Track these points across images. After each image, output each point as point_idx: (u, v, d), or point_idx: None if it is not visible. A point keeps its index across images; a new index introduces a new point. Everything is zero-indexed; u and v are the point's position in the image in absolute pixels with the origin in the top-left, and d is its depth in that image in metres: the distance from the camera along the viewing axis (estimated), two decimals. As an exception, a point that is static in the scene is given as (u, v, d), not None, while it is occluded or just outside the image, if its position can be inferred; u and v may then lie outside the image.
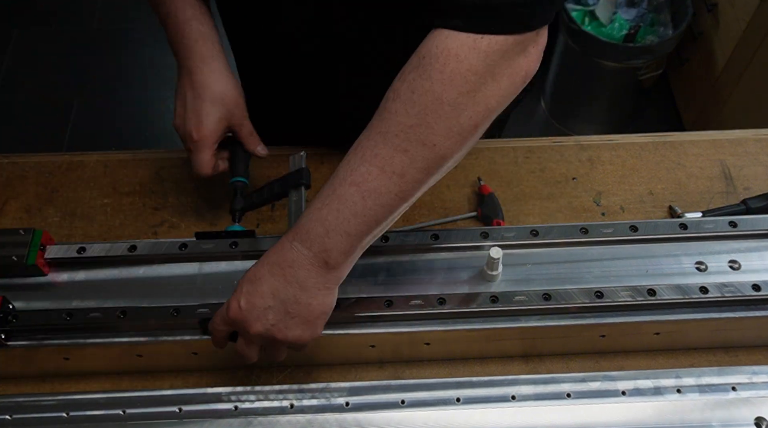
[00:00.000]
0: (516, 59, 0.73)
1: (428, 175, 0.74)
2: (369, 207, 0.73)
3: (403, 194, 0.74)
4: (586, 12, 2.27)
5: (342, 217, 0.74)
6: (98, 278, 0.91)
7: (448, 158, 0.74)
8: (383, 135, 0.73)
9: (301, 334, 0.78)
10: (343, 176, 0.75)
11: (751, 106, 2.11)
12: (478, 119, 0.73)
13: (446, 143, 0.72)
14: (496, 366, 0.93)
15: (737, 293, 0.87)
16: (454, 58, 0.70)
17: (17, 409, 0.85)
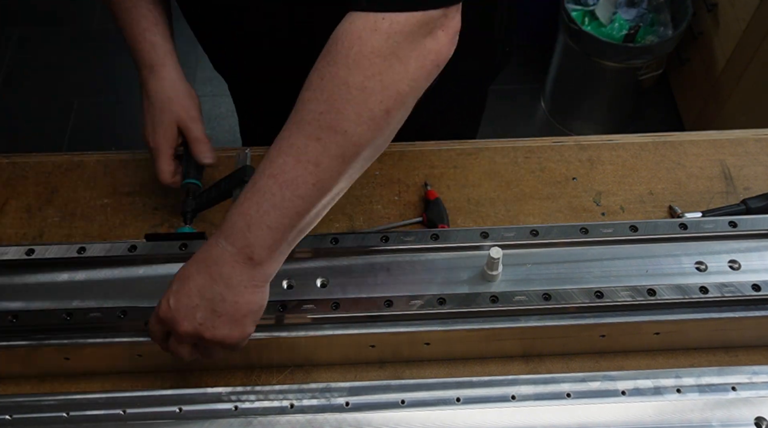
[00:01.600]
0: (422, 42, 0.71)
1: (344, 163, 0.73)
2: (287, 198, 0.73)
3: (321, 184, 0.73)
4: (586, 12, 2.27)
5: (262, 210, 0.73)
6: (98, 278, 0.91)
7: (363, 145, 0.73)
8: (297, 124, 0.72)
9: (230, 333, 0.77)
10: (262, 168, 0.74)
11: (751, 106, 2.11)
12: (389, 104, 0.71)
13: (358, 130, 0.71)
14: (496, 366, 0.93)
15: (737, 293, 0.87)
16: (357, 40, 0.69)
17: (17, 409, 0.85)
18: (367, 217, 1.06)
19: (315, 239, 0.92)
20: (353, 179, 0.77)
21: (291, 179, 0.72)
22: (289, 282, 0.90)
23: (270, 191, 0.73)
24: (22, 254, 0.91)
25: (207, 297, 0.76)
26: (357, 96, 0.70)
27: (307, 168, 0.72)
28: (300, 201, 0.73)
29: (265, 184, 0.73)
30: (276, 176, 0.73)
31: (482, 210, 1.07)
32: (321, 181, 0.73)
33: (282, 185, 0.73)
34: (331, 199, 0.76)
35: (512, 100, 2.67)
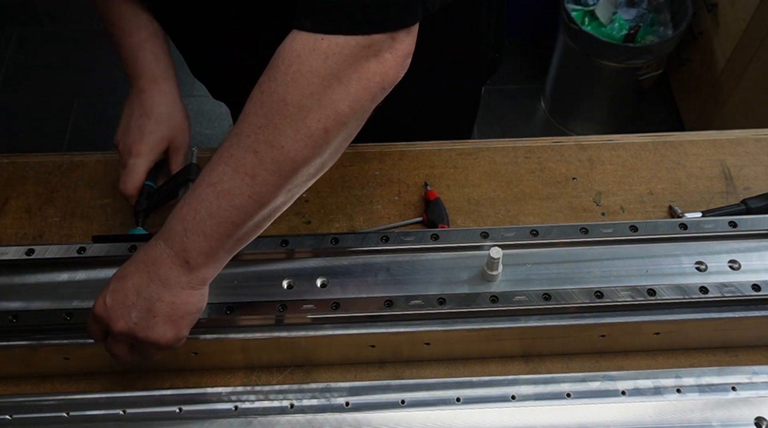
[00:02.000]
0: (365, 64, 0.70)
1: (281, 178, 0.73)
2: (223, 208, 0.73)
3: (257, 197, 0.73)
4: (586, 12, 2.27)
5: (199, 217, 0.74)
6: (98, 278, 0.91)
7: (301, 161, 0.72)
8: (238, 136, 0.72)
9: (164, 334, 0.77)
10: (203, 175, 0.75)
11: (751, 106, 2.11)
12: (327, 123, 0.71)
13: (295, 146, 0.71)
14: (496, 366, 0.93)
15: (737, 293, 0.87)
16: (296, 59, 0.69)
17: (17, 409, 0.85)
18: (367, 217, 1.06)
19: (315, 239, 0.92)
20: (295, 195, 0.77)
21: (228, 190, 0.72)
22: (289, 282, 0.90)
23: (207, 199, 0.73)
24: (22, 254, 0.91)
25: (143, 296, 0.76)
26: (294, 113, 0.70)
27: (243, 180, 0.72)
28: (236, 211, 0.73)
29: (204, 191, 0.74)
30: (214, 184, 0.73)
31: (482, 210, 1.07)
32: (257, 194, 0.73)
33: (219, 194, 0.73)
34: (270, 212, 0.76)
35: (512, 100, 2.67)
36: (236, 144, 0.72)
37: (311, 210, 1.06)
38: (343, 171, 1.10)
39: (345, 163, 1.11)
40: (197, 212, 0.74)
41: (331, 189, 1.08)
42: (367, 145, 1.14)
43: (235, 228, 0.74)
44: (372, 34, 0.69)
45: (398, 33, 0.71)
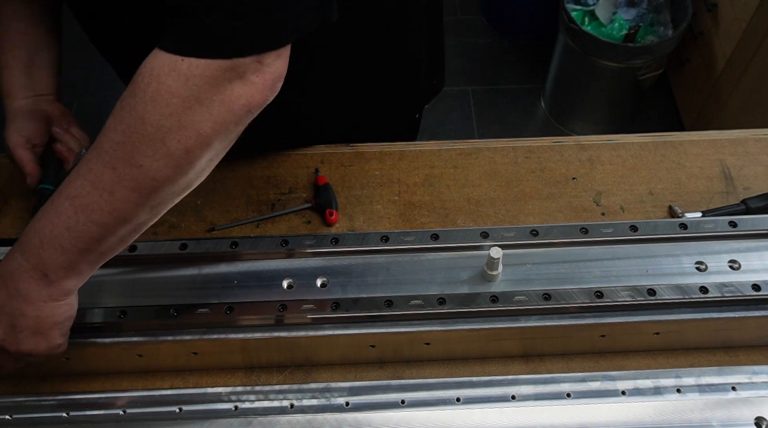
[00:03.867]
0: (228, 86, 0.69)
1: (142, 196, 0.71)
2: (82, 222, 0.71)
3: (118, 213, 0.71)
4: (586, 12, 2.28)
5: (56, 231, 0.72)
6: (98, 278, 0.91)
7: (161, 180, 0.71)
8: (97, 150, 0.71)
9: (35, 346, 0.77)
10: (61, 189, 0.73)
11: (751, 106, 2.11)
12: (189, 144, 0.69)
13: (154, 166, 0.69)
14: (496, 366, 0.93)
15: (737, 293, 0.87)
16: (156, 78, 0.68)
17: (17, 409, 0.85)
18: (368, 217, 1.06)
19: (315, 239, 0.92)
20: (160, 211, 0.75)
21: (86, 204, 0.71)
22: (289, 282, 0.90)
23: (65, 212, 0.71)
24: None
25: (6, 312, 0.75)
26: (153, 133, 0.68)
27: (102, 196, 0.71)
28: (95, 227, 0.72)
29: (62, 205, 0.72)
30: (73, 198, 0.71)
31: (482, 210, 1.07)
32: (117, 210, 0.71)
33: (77, 208, 0.71)
34: (134, 227, 0.74)
35: (512, 100, 2.68)
36: (95, 158, 0.71)
37: (311, 210, 1.06)
38: (343, 171, 1.10)
39: (345, 163, 1.11)
40: (55, 226, 0.72)
41: (331, 189, 1.08)
42: (367, 145, 1.14)
43: (95, 243, 0.73)
44: (235, 57, 0.68)
45: (265, 56, 0.69)
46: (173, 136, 0.69)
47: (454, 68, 2.76)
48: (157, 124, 0.68)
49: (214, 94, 0.69)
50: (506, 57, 2.80)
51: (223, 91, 0.69)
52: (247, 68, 0.69)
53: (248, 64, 0.69)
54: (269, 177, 1.09)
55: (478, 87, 2.70)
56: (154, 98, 0.68)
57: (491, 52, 2.82)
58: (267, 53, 0.69)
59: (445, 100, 2.67)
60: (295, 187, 1.08)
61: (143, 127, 0.68)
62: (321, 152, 1.12)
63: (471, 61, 2.79)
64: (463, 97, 2.68)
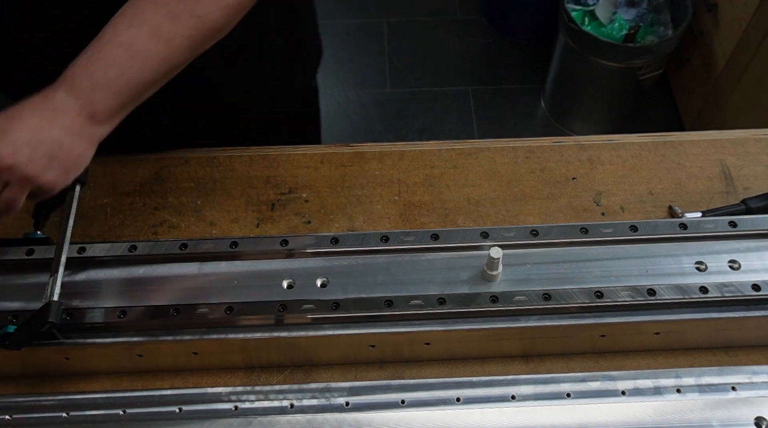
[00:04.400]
0: None
1: (196, 43, 0.78)
2: (137, 68, 0.76)
3: (170, 59, 0.78)
4: (586, 12, 2.28)
5: (109, 75, 0.76)
6: (98, 278, 0.91)
7: (215, 30, 0.79)
8: (154, 3, 0.77)
9: (55, 178, 0.78)
10: (109, 37, 0.76)
11: (751, 106, 2.11)
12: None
13: (213, 15, 0.77)
14: (496, 366, 0.93)
15: (737, 293, 0.87)
16: None
17: (17, 409, 0.85)
18: (367, 217, 1.06)
19: (315, 239, 0.92)
20: (198, 55, 0.81)
21: (143, 52, 0.76)
22: (289, 282, 0.90)
23: (119, 59, 0.76)
24: (22, 254, 0.91)
25: (41, 138, 0.75)
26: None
27: (159, 44, 0.76)
28: (148, 72, 0.77)
29: (113, 52, 0.76)
30: (127, 46, 0.76)
31: (482, 210, 1.07)
32: (171, 56, 0.78)
33: (133, 55, 0.76)
34: (175, 71, 0.80)
35: (512, 100, 2.68)
36: (152, 11, 0.76)
37: (311, 210, 1.06)
38: (343, 171, 1.10)
39: (345, 163, 1.11)
40: (107, 71, 0.76)
41: (331, 189, 1.08)
42: (367, 145, 1.14)
43: (144, 88, 0.78)
44: None
45: None
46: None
47: (454, 68, 2.76)
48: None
49: None
50: (506, 57, 2.80)
51: None
52: None
53: None
54: (269, 177, 1.09)
55: (478, 87, 2.70)
56: None
57: (491, 52, 2.82)
58: None
59: (445, 100, 2.67)
60: (295, 187, 1.08)
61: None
62: (321, 152, 1.12)
63: (471, 61, 2.79)
64: (463, 97, 2.68)
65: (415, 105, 2.66)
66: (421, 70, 2.75)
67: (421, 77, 2.73)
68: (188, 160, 1.11)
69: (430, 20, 2.91)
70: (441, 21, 2.90)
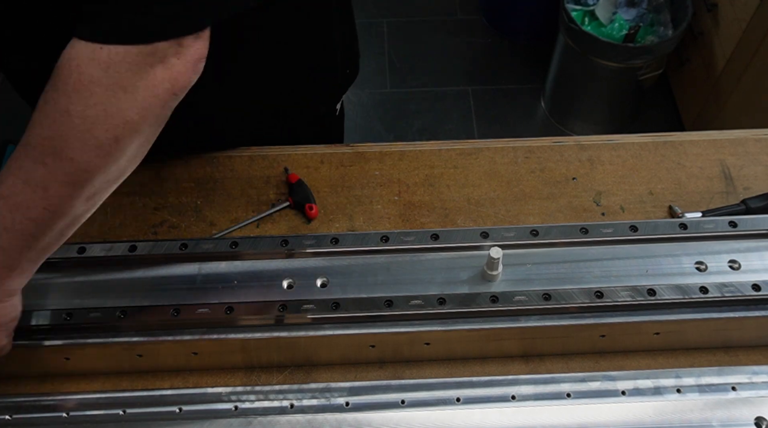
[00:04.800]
0: (150, 71, 0.68)
1: (76, 189, 0.70)
2: (18, 221, 0.70)
3: (53, 208, 0.71)
4: (586, 12, 2.28)
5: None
6: (98, 278, 0.91)
7: (94, 171, 0.70)
8: (25, 146, 0.70)
9: None
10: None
11: (751, 106, 2.11)
12: (117, 132, 0.69)
13: (85, 157, 0.69)
14: (496, 366, 0.93)
15: (737, 293, 0.87)
16: (76, 68, 0.67)
17: (17, 409, 0.85)
18: (368, 217, 1.06)
19: (315, 239, 0.92)
20: (97, 202, 0.75)
21: (20, 203, 0.70)
22: (289, 282, 0.90)
23: (0, 213, 0.70)
24: (22, 254, 0.91)
25: None
26: (79, 124, 0.68)
27: (36, 192, 0.70)
28: (32, 224, 0.71)
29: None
30: (6, 198, 0.70)
31: (482, 210, 1.07)
32: (52, 205, 0.70)
33: (12, 207, 0.70)
34: (71, 221, 0.74)
35: (512, 100, 2.68)
36: (23, 155, 0.70)
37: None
38: (343, 171, 1.10)
39: (345, 163, 1.11)
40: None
41: (331, 189, 1.08)
42: (367, 145, 1.14)
43: (34, 240, 0.72)
44: (153, 42, 0.68)
45: (184, 38, 0.69)
46: (101, 125, 0.68)
47: (454, 68, 2.76)
48: (82, 115, 0.68)
49: (137, 79, 0.68)
50: (506, 57, 2.80)
51: (146, 76, 0.69)
52: (167, 52, 0.69)
53: (168, 47, 0.69)
54: (269, 177, 1.09)
55: (478, 87, 2.70)
56: (76, 89, 0.67)
57: (491, 52, 2.82)
58: (186, 36, 0.70)
59: (445, 100, 2.67)
60: (295, 187, 1.08)
61: (69, 119, 0.68)
62: (321, 152, 1.12)
63: (471, 61, 2.79)
64: (463, 97, 2.68)
65: (415, 105, 2.66)
66: (421, 70, 2.75)
67: (421, 77, 2.73)
68: (188, 160, 1.11)
69: (430, 20, 2.91)
70: (441, 21, 2.90)
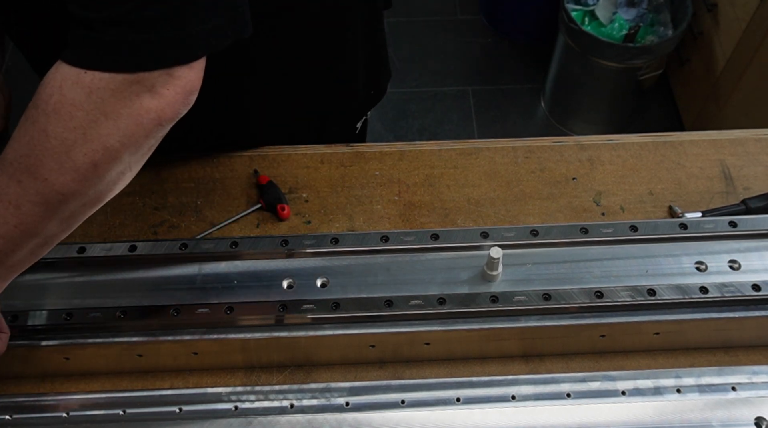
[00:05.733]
0: (136, 100, 0.67)
1: (49, 210, 0.69)
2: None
3: (25, 227, 0.69)
4: (586, 12, 2.28)
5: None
6: (98, 278, 0.91)
7: (69, 194, 0.69)
8: (2, 162, 0.69)
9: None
10: None
11: (751, 106, 2.11)
12: (95, 158, 0.68)
13: (60, 179, 0.67)
14: (496, 366, 0.93)
15: (737, 293, 0.87)
16: (58, 90, 0.66)
17: (17, 409, 0.85)
18: (368, 217, 1.06)
19: (315, 239, 0.92)
20: (72, 224, 0.73)
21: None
22: (289, 282, 0.90)
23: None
24: (22, 254, 0.91)
25: None
26: (57, 146, 0.67)
27: (8, 209, 0.68)
28: (2, 241, 0.70)
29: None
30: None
31: (482, 210, 1.07)
32: (24, 224, 0.69)
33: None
34: (43, 241, 0.72)
35: (512, 100, 2.68)
36: (1, 170, 0.69)
37: (311, 210, 1.06)
38: (343, 171, 1.10)
39: (345, 163, 1.11)
40: None
41: (331, 189, 1.08)
42: (367, 145, 1.14)
43: (4, 256, 0.71)
44: (139, 71, 0.66)
45: (175, 69, 0.68)
46: (78, 149, 0.67)
47: (454, 68, 2.76)
48: (60, 137, 0.67)
49: (121, 107, 0.67)
50: (506, 57, 2.80)
51: (130, 104, 0.67)
52: (155, 81, 0.67)
53: (156, 77, 0.67)
54: (269, 177, 1.09)
55: (478, 87, 2.70)
56: (56, 111, 0.66)
57: (491, 52, 2.82)
58: (177, 67, 0.68)
59: (445, 101, 2.67)
60: (295, 187, 1.08)
61: (47, 140, 0.67)
62: (321, 152, 1.12)
63: (471, 61, 2.79)
64: (463, 97, 2.68)
65: (415, 105, 2.66)
66: (421, 70, 2.75)
67: (421, 77, 2.73)
68: (188, 160, 1.11)
69: (430, 20, 2.91)
70: (441, 21, 2.90)
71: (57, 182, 0.68)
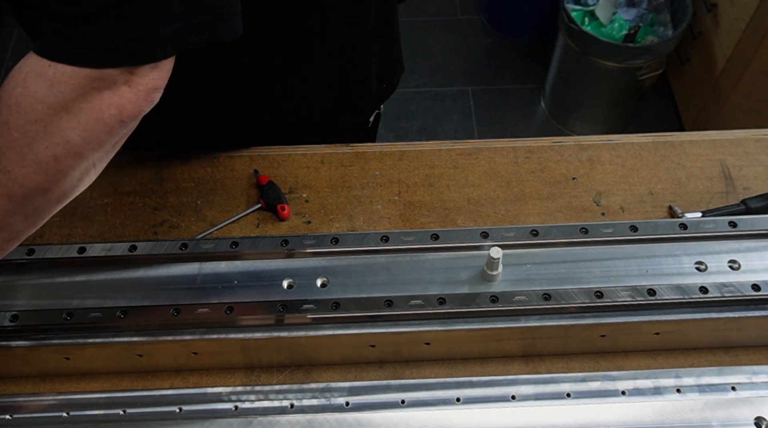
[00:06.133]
0: (97, 96, 0.67)
1: (13, 203, 0.69)
2: None
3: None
4: (586, 12, 2.28)
5: None
6: (98, 278, 0.91)
7: (32, 188, 0.68)
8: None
9: None
10: None
11: (751, 106, 2.11)
12: (57, 152, 0.67)
13: (22, 172, 0.67)
14: (496, 366, 0.93)
15: (737, 293, 0.87)
16: (22, 82, 0.66)
17: (17, 409, 0.85)
18: (367, 217, 1.06)
19: (315, 239, 0.92)
20: (38, 220, 0.73)
21: None
22: (289, 282, 0.90)
23: None
24: (22, 254, 0.91)
25: None
26: (18, 138, 0.67)
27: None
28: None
29: None
30: None
31: (482, 210, 1.07)
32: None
33: None
34: (9, 237, 0.72)
35: (512, 100, 2.68)
36: None
37: (311, 210, 1.06)
38: (343, 171, 1.10)
39: (345, 163, 1.11)
40: None
41: (331, 189, 1.08)
42: (367, 145, 1.14)
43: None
44: (103, 67, 0.66)
45: (138, 68, 0.68)
46: (40, 142, 0.67)
47: (454, 68, 2.76)
48: (22, 129, 0.66)
49: (82, 102, 0.67)
50: (506, 57, 2.80)
51: (91, 100, 0.67)
52: (117, 79, 0.67)
53: (118, 74, 0.67)
54: (269, 177, 1.09)
55: (478, 87, 2.70)
56: (18, 103, 0.66)
57: (491, 52, 2.82)
58: (141, 66, 0.68)
59: (445, 100, 2.67)
60: (295, 187, 1.09)
61: (8, 132, 0.67)
62: (321, 152, 1.12)
63: (471, 61, 2.79)
64: (463, 97, 2.68)
65: (415, 105, 2.66)
66: (421, 70, 2.75)
67: (421, 77, 2.73)
68: (188, 160, 1.11)
69: (430, 20, 2.91)
70: (441, 21, 2.90)
71: (19, 175, 0.68)
